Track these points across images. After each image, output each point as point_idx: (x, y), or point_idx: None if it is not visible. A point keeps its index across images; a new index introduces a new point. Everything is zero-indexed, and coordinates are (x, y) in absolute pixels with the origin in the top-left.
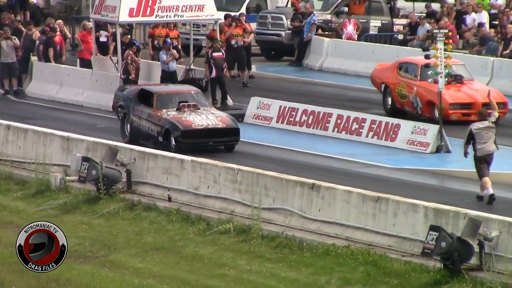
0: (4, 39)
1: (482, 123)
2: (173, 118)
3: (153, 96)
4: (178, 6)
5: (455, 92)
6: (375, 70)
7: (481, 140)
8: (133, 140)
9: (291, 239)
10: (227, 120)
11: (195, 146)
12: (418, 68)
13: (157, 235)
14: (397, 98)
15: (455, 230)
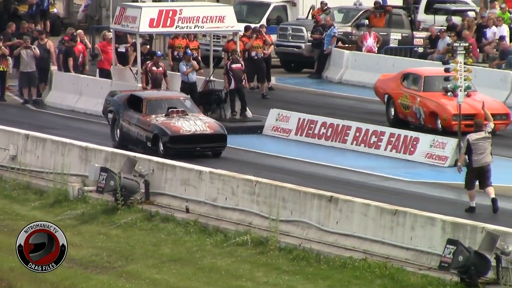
0: (24, 48)
1: (478, 134)
2: (162, 123)
3: (143, 101)
4: (198, 17)
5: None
6: (379, 81)
7: (478, 151)
8: (122, 145)
9: (309, 251)
10: (214, 126)
11: (183, 151)
12: (422, 79)
13: (174, 246)
14: (400, 108)
15: (473, 244)
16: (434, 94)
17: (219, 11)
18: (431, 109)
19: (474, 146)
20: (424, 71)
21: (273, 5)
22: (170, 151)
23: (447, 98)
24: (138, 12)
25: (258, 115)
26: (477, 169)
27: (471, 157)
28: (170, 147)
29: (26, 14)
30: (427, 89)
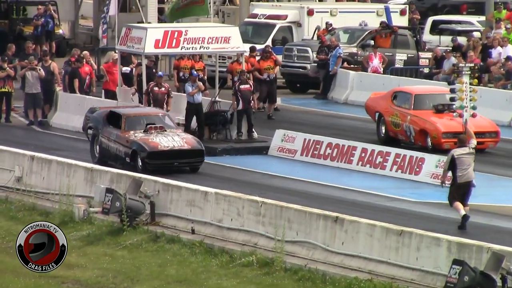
0: (29, 69)
1: (463, 149)
2: (140, 139)
3: (121, 118)
4: (204, 38)
5: (448, 121)
6: (370, 99)
7: (463, 166)
8: (102, 161)
9: (314, 272)
10: (192, 142)
11: (161, 166)
12: (412, 97)
13: (180, 267)
14: (390, 126)
15: (478, 264)
16: (424, 112)
17: (225, 31)
18: (421, 127)
19: (459, 161)
20: (414, 90)
21: (278, 25)
22: (149, 167)
23: (437, 116)
24: (144, 33)
25: (263, 136)
26: (462, 184)
27: (455, 173)
28: (148, 162)
29: (32, 35)
30: (417, 107)
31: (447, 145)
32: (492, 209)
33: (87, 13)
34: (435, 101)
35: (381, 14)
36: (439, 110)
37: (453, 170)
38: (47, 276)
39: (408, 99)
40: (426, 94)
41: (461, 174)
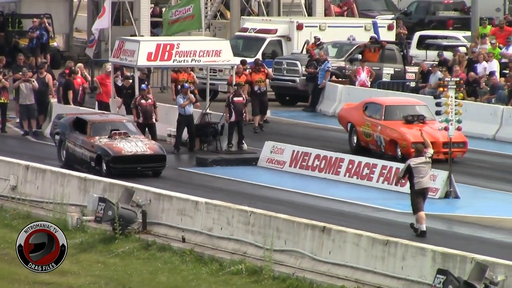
0: (23, 81)
1: (419, 158)
2: (105, 144)
3: (87, 124)
4: (195, 51)
5: (417, 132)
6: (342, 110)
7: (419, 174)
8: (68, 165)
9: (302, 280)
10: (154, 148)
11: (124, 170)
12: (383, 108)
13: (171, 275)
14: (362, 136)
15: (462, 274)
16: (394, 123)
17: (216, 45)
18: (391, 137)
19: (415, 169)
20: (385, 101)
21: (268, 39)
22: (113, 171)
23: (406, 127)
24: (137, 46)
25: (253, 147)
26: (420, 191)
27: (412, 181)
28: (113, 166)
29: (27, 47)
30: (388, 118)
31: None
32: (476, 220)
33: (81, 26)
34: (405, 112)
35: (369, 29)
36: (408, 121)
37: (410, 178)
38: (40, 282)
39: (379, 110)
40: (396, 105)
41: (418, 181)
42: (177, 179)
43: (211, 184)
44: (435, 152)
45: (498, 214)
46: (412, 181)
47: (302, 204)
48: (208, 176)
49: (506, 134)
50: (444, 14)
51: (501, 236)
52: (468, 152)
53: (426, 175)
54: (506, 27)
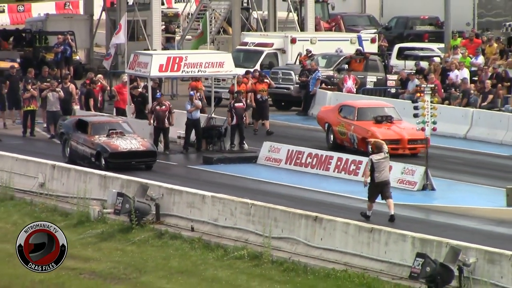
0: (50, 91)
1: (379, 154)
2: (103, 142)
3: (88, 125)
4: (201, 63)
5: (386, 130)
6: (320, 112)
7: (379, 168)
8: (72, 161)
9: (297, 264)
10: (147, 144)
11: (120, 165)
12: (355, 110)
13: (181, 260)
14: (337, 135)
15: (438, 257)
16: (366, 123)
17: (219, 57)
18: (363, 135)
19: (376, 165)
20: (358, 104)
21: (266, 52)
22: (110, 165)
23: (376, 126)
24: (149, 58)
25: (253, 147)
26: (379, 183)
27: (373, 175)
28: (110, 161)
29: (52, 60)
30: (360, 119)
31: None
32: (450, 210)
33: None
34: (375, 113)
35: (354, 42)
36: (378, 121)
37: (371, 172)
38: (66, 268)
39: (352, 112)
40: (368, 107)
41: (378, 175)
42: (186, 175)
43: (216, 180)
44: (401, 148)
45: (470, 204)
46: (373, 175)
47: (297, 197)
48: (213, 173)
49: (476, 134)
50: (420, 29)
51: (472, 223)
52: (443, 150)
53: (385, 169)
54: (475, 39)
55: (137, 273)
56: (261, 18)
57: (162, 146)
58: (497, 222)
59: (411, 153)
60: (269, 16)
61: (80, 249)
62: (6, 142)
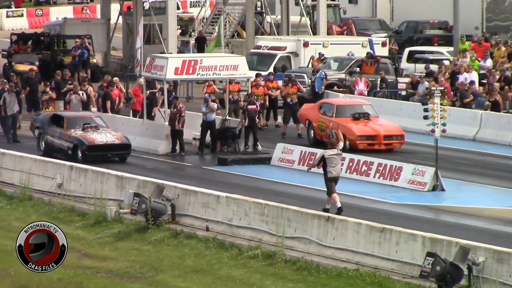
0: (73, 93)
1: (332, 150)
2: (80, 136)
3: (64, 119)
4: (216, 66)
5: (363, 127)
6: (301, 109)
7: (332, 164)
8: (47, 154)
9: (310, 263)
10: (121, 138)
11: (97, 157)
12: (334, 107)
13: (196, 259)
14: (317, 131)
15: (448, 256)
16: (344, 120)
17: (233, 60)
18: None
19: (329, 160)
20: (336, 101)
21: (279, 55)
22: (87, 158)
23: (354, 123)
24: (165, 62)
25: (266, 148)
26: (332, 178)
27: (326, 169)
28: (87, 154)
29: (70, 64)
30: (338, 115)
31: (361, 146)
32: (459, 210)
33: (117, 45)
34: (353, 111)
35: (366, 45)
36: (355, 118)
37: (324, 167)
38: (84, 267)
39: (331, 109)
40: (346, 105)
41: (330, 170)
42: (201, 176)
43: (230, 180)
44: (377, 143)
45: (479, 204)
46: (326, 170)
47: (309, 197)
48: (228, 173)
49: (485, 135)
50: (430, 32)
51: (482, 223)
52: (452, 151)
53: (337, 165)
54: (484, 43)
55: (153, 272)
56: (274, 22)
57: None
58: (506, 222)
59: (387, 149)
60: (282, 20)
61: (97, 249)
62: (24, 143)
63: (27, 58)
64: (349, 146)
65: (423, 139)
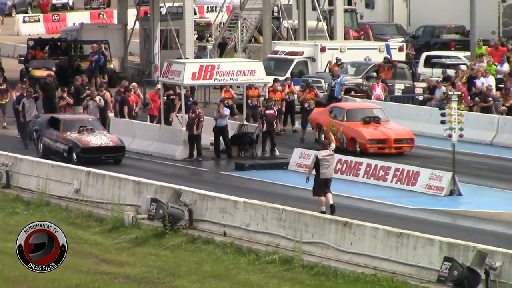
0: (91, 99)
1: (325, 151)
2: (75, 138)
3: (60, 122)
4: (233, 71)
5: (373, 130)
6: (313, 113)
7: (325, 165)
8: (45, 156)
9: (327, 268)
10: (116, 140)
11: (91, 159)
12: (345, 111)
13: (214, 265)
14: (328, 135)
15: (465, 260)
16: (354, 124)
17: (251, 66)
18: (351, 136)
19: (322, 161)
20: (347, 105)
21: (296, 60)
22: (82, 160)
23: (364, 127)
24: (182, 67)
25: (284, 154)
26: (324, 180)
27: (318, 170)
28: (82, 156)
29: (87, 69)
30: (349, 120)
31: (372, 150)
32: (476, 214)
33: (134, 51)
34: (363, 115)
35: (383, 50)
36: (366, 122)
37: (316, 168)
38: (101, 272)
39: (341, 113)
40: (356, 109)
41: (323, 171)
42: (219, 181)
43: (248, 185)
44: (388, 147)
45: (496, 209)
46: (318, 171)
47: None
48: (245, 178)
49: (502, 140)
50: (447, 37)
51: (499, 228)
52: (469, 156)
53: (330, 166)
54: (501, 47)
55: (171, 277)
56: (291, 27)
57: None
58: None
59: (397, 152)
60: (299, 25)
61: (114, 254)
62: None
63: (44, 64)
64: (359, 150)
65: (440, 143)
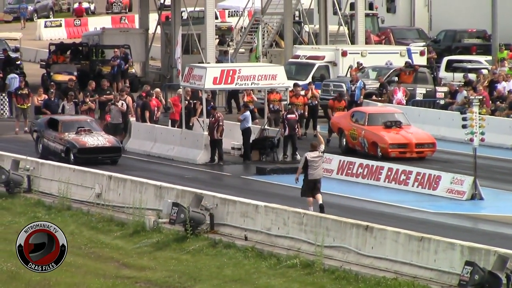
0: (113, 104)
1: (314, 153)
2: (73, 139)
3: (59, 123)
4: (254, 75)
5: (394, 135)
6: (334, 117)
7: (313, 166)
8: (44, 157)
9: (348, 272)
10: (112, 141)
11: (88, 160)
12: (366, 115)
13: (235, 269)
14: (349, 139)
15: (487, 265)
16: (376, 128)
17: (272, 70)
18: (373, 140)
19: (310, 162)
20: (368, 110)
21: (317, 65)
22: (79, 160)
23: (385, 131)
24: (204, 71)
25: None
26: (312, 181)
27: (307, 171)
28: (79, 156)
29: (109, 74)
30: (370, 124)
31: (393, 154)
32: (498, 219)
33: (155, 55)
34: (384, 119)
35: (404, 54)
36: (387, 126)
37: (305, 169)
38: (122, 276)
39: (363, 117)
40: (378, 113)
41: (312, 172)
42: (240, 186)
43: (269, 190)
44: (409, 151)
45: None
46: (307, 172)
47: (348, 206)
48: (266, 183)
49: None
50: (468, 41)
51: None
52: (490, 160)
53: (318, 167)
54: None
55: (192, 281)
56: (312, 31)
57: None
58: None
59: (419, 157)
60: (321, 29)
61: (136, 258)
62: None
63: (65, 68)
64: (381, 154)
65: (461, 148)
